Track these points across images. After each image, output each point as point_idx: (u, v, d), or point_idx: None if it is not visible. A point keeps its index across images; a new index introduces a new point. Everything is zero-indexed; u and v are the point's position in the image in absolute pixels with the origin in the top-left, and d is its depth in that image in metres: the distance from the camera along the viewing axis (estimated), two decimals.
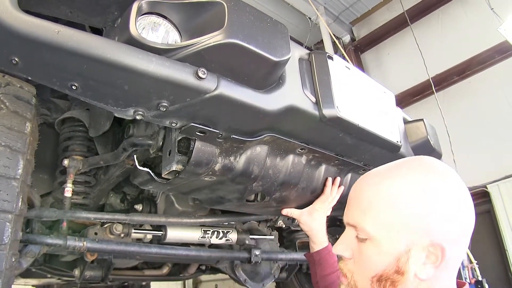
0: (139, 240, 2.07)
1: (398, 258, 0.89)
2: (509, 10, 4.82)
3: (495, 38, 5.16)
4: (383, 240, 0.90)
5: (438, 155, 2.29)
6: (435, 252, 0.87)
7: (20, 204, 1.23)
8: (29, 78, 1.05)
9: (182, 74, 1.06)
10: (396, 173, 0.95)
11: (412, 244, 0.88)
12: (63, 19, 1.18)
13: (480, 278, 4.18)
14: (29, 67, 1.01)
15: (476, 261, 4.23)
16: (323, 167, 1.80)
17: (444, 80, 5.95)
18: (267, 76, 1.25)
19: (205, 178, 1.46)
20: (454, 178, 0.93)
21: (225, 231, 2.29)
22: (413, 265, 0.88)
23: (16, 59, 0.98)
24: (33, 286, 3.52)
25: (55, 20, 1.04)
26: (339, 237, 3.05)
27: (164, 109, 1.12)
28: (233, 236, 2.32)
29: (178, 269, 2.77)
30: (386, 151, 1.83)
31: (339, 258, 1.05)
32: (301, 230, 2.67)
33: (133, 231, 1.98)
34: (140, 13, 1.09)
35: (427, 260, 0.88)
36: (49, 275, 2.32)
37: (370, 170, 1.92)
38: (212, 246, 2.32)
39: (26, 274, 2.41)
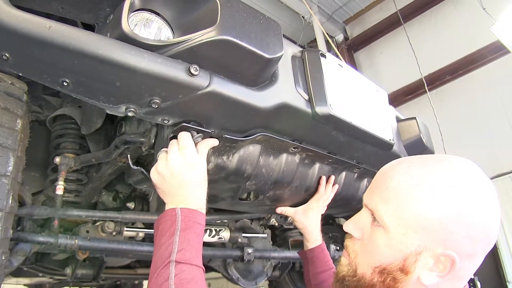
0: (131, 238, 2.06)
1: (406, 256, 0.86)
2: (500, 10, 4.85)
3: (487, 37, 5.20)
4: (397, 235, 0.87)
5: (430, 153, 2.30)
6: (445, 262, 0.84)
7: (10, 201, 1.22)
8: (20, 74, 1.04)
9: (174, 71, 1.05)
10: (432, 170, 0.89)
11: (424, 248, 0.85)
12: (55, 15, 1.17)
13: (472, 276, 4.20)
14: (19, 63, 1.00)
15: None
16: (316, 166, 1.80)
17: (437, 79, 5.99)
18: (259, 73, 1.24)
19: None
20: (491, 196, 0.87)
21: (218, 229, 2.28)
22: (419, 268, 0.86)
23: (6, 55, 0.97)
24: (24, 285, 3.51)
25: (47, 16, 1.03)
26: (332, 235, 3.06)
27: (156, 106, 1.12)
28: (225, 234, 2.32)
29: None
30: (379, 149, 1.84)
31: (348, 234, 1.03)
32: (294, 228, 2.69)
33: (125, 229, 1.97)
34: (132, 9, 1.08)
35: (434, 268, 0.85)
36: (40, 274, 2.31)
37: (363, 168, 1.95)
38: (205, 244, 2.31)
39: (18, 273, 2.40)
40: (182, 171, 1.13)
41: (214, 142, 1.28)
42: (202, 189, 1.17)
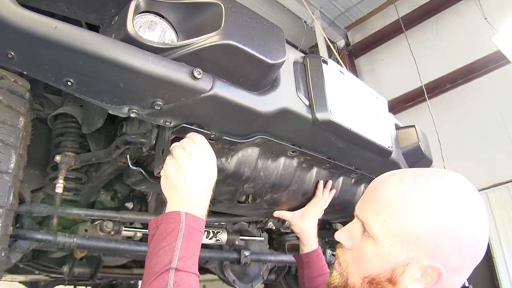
0: (129, 238, 2.07)
1: (394, 267, 0.88)
2: (502, 20, 4.88)
3: (488, 47, 5.22)
4: (386, 246, 0.89)
5: (428, 161, 2.31)
6: (432, 274, 0.86)
7: (11, 198, 1.23)
8: (25, 72, 1.05)
9: (178, 74, 1.06)
10: (424, 184, 0.90)
11: (412, 260, 0.87)
12: (60, 14, 1.18)
13: (467, 285, 4.22)
14: (24, 61, 1.01)
15: None
16: (314, 170, 1.81)
17: (437, 88, 6.01)
18: (261, 78, 1.26)
19: None
20: (480, 211, 0.89)
21: (215, 232, 2.29)
22: (406, 279, 0.87)
23: (12, 53, 0.98)
24: (19, 282, 3.50)
25: (52, 15, 1.04)
26: (328, 240, 3.06)
27: (159, 108, 1.13)
28: (223, 237, 2.33)
29: None
30: (378, 156, 1.85)
31: (339, 244, 1.05)
32: (291, 232, 2.69)
33: (124, 229, 1.98)
34: (137, 11, 1.09)
35: (422, 279, 0.87)
36: (37, 272, 2.31)
37: (360, 174, 1.96)
38: (202, 246, 2.31)
39: (13, 269, 2.39)
40: (203, 170, 1.11)
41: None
42: (208, 197, 1.14)
